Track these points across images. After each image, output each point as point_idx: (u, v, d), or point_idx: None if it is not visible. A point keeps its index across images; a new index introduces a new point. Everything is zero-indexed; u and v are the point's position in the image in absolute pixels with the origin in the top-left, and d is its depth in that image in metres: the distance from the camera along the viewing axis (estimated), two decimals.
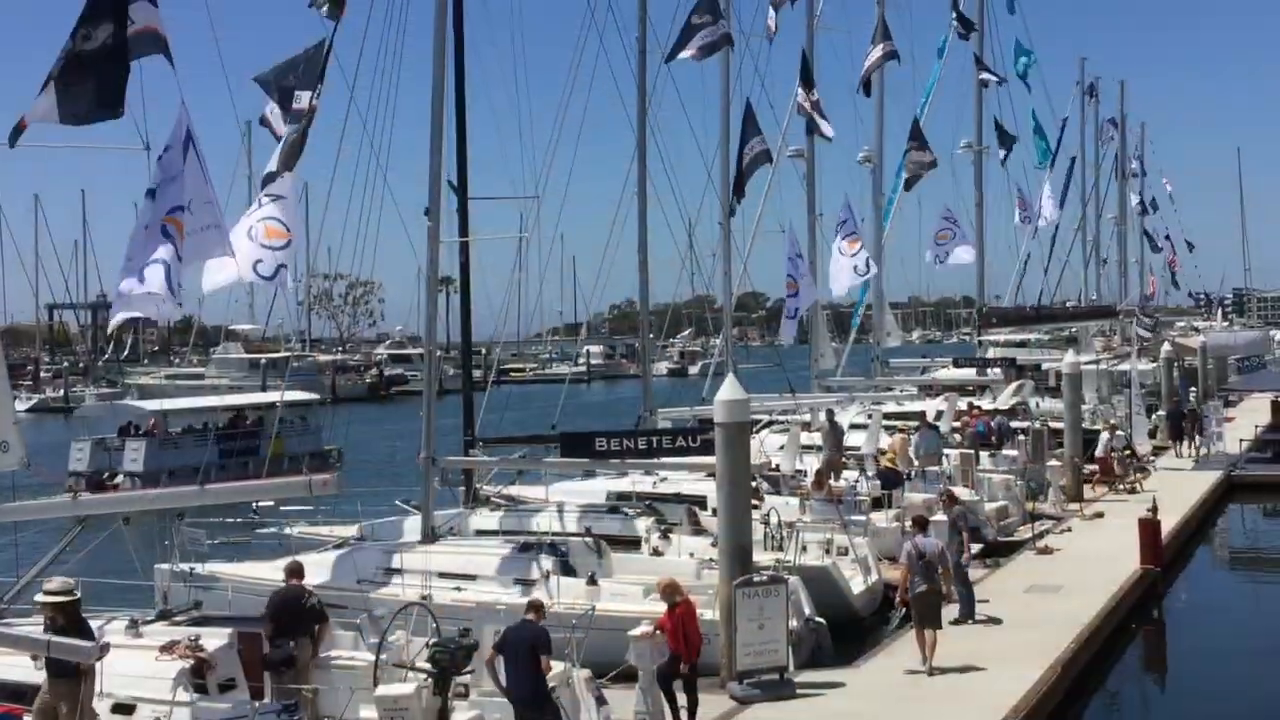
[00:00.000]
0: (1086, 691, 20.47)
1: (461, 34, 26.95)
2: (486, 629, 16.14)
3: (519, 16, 62.91)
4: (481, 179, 28.87)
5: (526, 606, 15.81)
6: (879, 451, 33.00)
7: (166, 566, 22.32)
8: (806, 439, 33.68)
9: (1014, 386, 45.81)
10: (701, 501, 26.25)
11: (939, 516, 23.83)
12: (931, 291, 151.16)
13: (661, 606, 17.34)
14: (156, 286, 15.13)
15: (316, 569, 22.03)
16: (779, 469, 30.59)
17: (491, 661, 15.11)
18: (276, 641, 15.74)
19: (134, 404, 58.08)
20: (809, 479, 29.28)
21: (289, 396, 58.24)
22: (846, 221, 38.68)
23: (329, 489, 17.01)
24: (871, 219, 46.34)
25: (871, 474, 30.53)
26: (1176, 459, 44.94)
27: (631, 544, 24.40)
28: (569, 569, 22.12)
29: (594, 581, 21.38)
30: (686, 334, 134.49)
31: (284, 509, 25.04)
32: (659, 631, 16.83)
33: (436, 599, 19.69)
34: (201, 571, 22.75)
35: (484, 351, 55.28)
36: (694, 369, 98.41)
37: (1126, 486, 37.22)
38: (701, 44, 31.11)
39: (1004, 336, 59.57)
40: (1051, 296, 71.72)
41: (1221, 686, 21.37)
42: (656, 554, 23.93)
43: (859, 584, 23.96)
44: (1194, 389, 60.97)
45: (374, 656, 15.44)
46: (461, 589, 21.46)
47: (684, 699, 16.90)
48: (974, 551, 25.52)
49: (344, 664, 16.13)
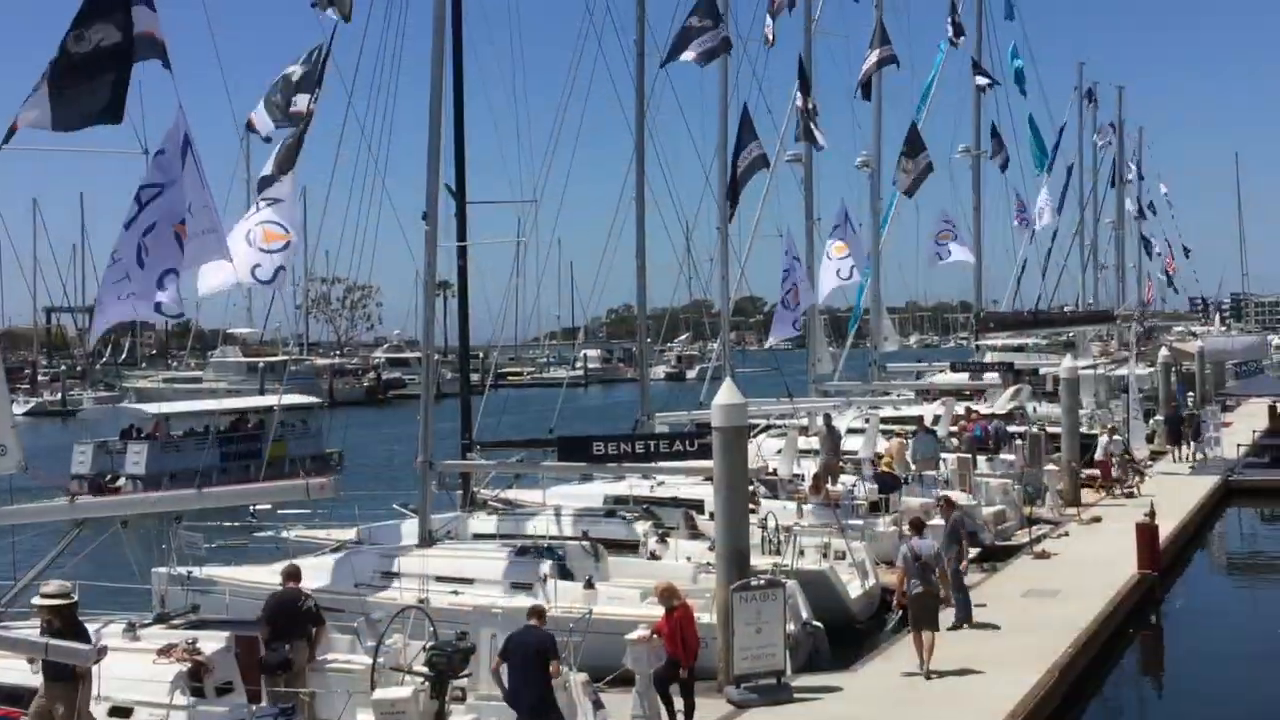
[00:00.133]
0: (1084, 696, 20.46)
1: (460, 38, 26.97)
2: (483, 632, 16.17)
3: (517, 20, 62.88)
4: (479, 183, 28.81)
5: (528, 612, 15.79)
6: (876, 456, 33.01)
7: (164, 570, 22.36)
8: (804, 443, 33.65)
9: (1011, 391, 45.84)
10: (699, 505, 26.24)
11: (936, 521, 23.84)
12: (929, 296, 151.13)
13: (659, 610, 17.34)
14: (168, 298, 14.92)
15: (314, 572, 22.00)
16: (776, 473, 30.57)
17: (497, 669, 15.10)
18: (273, 645, 15.75)
19: (136, 407, 58.17)
20: (806, 483, 29.28)
21: (291, 400, 58.52)
22: (839, 226, 38.53)
23: (326, 492, 17.01)
24: (869, 224, 46.33)
25: (869, 478, 30.55)
26: (1174, 463, 44.93)
27: (629, 548, 24.38)
28: (566, 573, 22.11)
29: (591, 585, 21.37)
30: (684, 338, 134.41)
31: (281, 512, 25.03)
32: (656, 635, 16.84)
33: (434, 603, 19.68)
34: (199, 575, 22.74)
35: (481, 355, 55.25)
36: (691, 373, 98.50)
37: (1124, 491, 37.25)
38: (702, 49, 31.03)
39: (1001, 341, 59.58)
40: (1049, 301, 71.81)
41: (1219, 691, 21.35)
42: (654, 558, 23.93)
43: (856, 588, 23.97)
44: (1191, 394, 61.04)
45: (371, 660, 15.46)
46: (459, 593, 21.45)
47: (681, 703, 16.92)
48: (971, 556, 25.53)
49: (341, 667, 16.14)
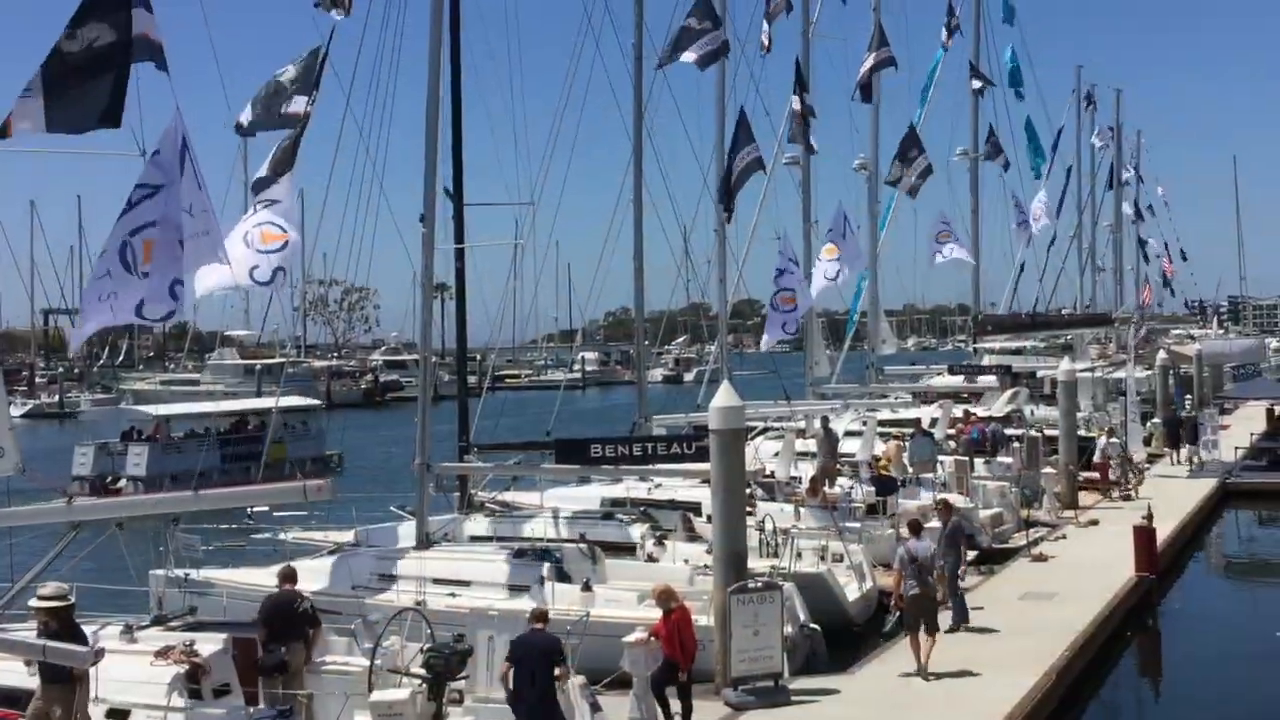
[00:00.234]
0: (1081, 699, 20.46)
1: (457, 40, 27.00)
2: (481, 635, 16.17)
3: (515, 23, 62.89)
4: (477, 186, 28.80)
5: (532, 615, 15.79)
6: (874, 458, 33.00)
7: (161, 572, 22.36)
8: (801, 446, 33.65)
9: (1009, 394, 45.82)
10: (696, 508, 26.25)
11: (933, 524, 23.84)
12: (927, 299, 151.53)
13: (657, 613, 17.34)
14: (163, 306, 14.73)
15: (311, 575, 22.02)
16: (774, 475, 30.57)
17: (506, 673, 15.08)
18: (269, 647, 15.74)
19: (137, 409, 58.31)
20: (804, 486, 29.28)
21: (292, 402, 58.81)
22: (833, 229, 38.35)
23: (324, 494, 16.93)
24: (867, 226, 46.30)
25: (866, 480, 30.54)
26: (1172, 466, 44.92)
27: (626, 550, 24.38)
28: (564, 575, 22.11)
29: (588, 588, 21.36)
30: (682, 341, 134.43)
31: (279, 514, 25.02)
32: (654, 638, 16.84)
33: (431, 605, 19.65)
34: (196, 577, 22.74)
35: (479, 358, 55.27)
36: (689, 376, 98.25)
37: (1122, 494, 37.25)
38: (702, 52, 30.93)
39: (999, 344, 59.58)
40: (1047, 304, 71.83)
41: (1217, 693, 21.37)
42: (651, 560, 23.92)
43: (854, 590, 23.98)
44: (1189, 396, 61.05)
45: (369, 662, 15.46)
46: (456, 595, 21.45)
47: (678, 705, 16.92)
48: (969, 558, 25.53)
49: (338, 669, 16.14)
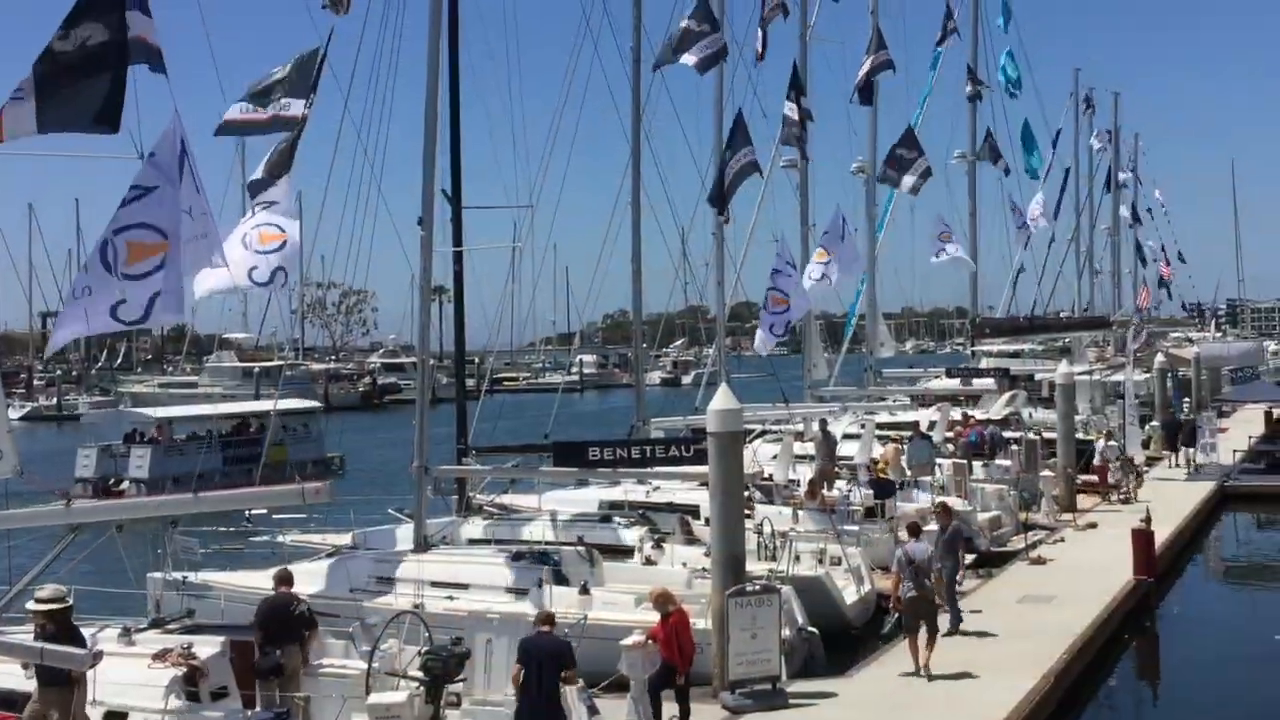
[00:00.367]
0: (1080, 702, 20.44)
1: (456, 43, 26.99)
2: (478, 638, 16.17)
3: (513, 26, 62.92)
4: (475, 188, 28.80)
5: (539, 618, 15.78)
6: (872, 461, 32.99)
7: (159, 575, 22.34)
8: (799, 449, 33.66)
9: (1007, 397, 45.83)
10: (694, 511, 26.24)
11: (930, 527, 23.83)
12: (925, 302, 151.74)
13: (654, 615, 17.33)
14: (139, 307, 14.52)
15: (309, 577, 22.04)
16: (772, 478, 30.56)
17: (518, 675, 15.07)
18: (265, 649, 15.74)
19: (139, 411, 58.50)
20: (802, 489, 29.27)
21: (293, 405, 58.99)
22: (828, 232, 38.17)
23: (321, 497, 16.96)
24: (865, 229, 46.32)
25: (864, 483, 30.53)
26: (1170, 469, 44.92)
27: (624, 553, 24.38)
28: (561, 578, 22.11)
29: (586, 591, 21.36)
30: (680, 344, 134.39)
31: (277, 517, 25.01)
32: (651, 641, 16.83)
33: (429, 608, 19.67)
34: (194, 580, 22.73)
35: (477, 361, 55.30)
36: (687, 378, 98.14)
37: (1120, 497, 37.24)
38: (701, 55, 30.88)
39: (997, 347, 59.62)
40: (1045, 307, 71.94)
41: (1215, 696, 21.35)
42: (649, 563, 23.93)
43: (852, 594, 23.97)
44: (1187, 399, 61.06)
45: (366, 664, 15.46)
46: (454, 598, 21.44)
47: (676, 709, 16.91)
48: (967, 562, 25.53)
49: (336, 672, 16.13)
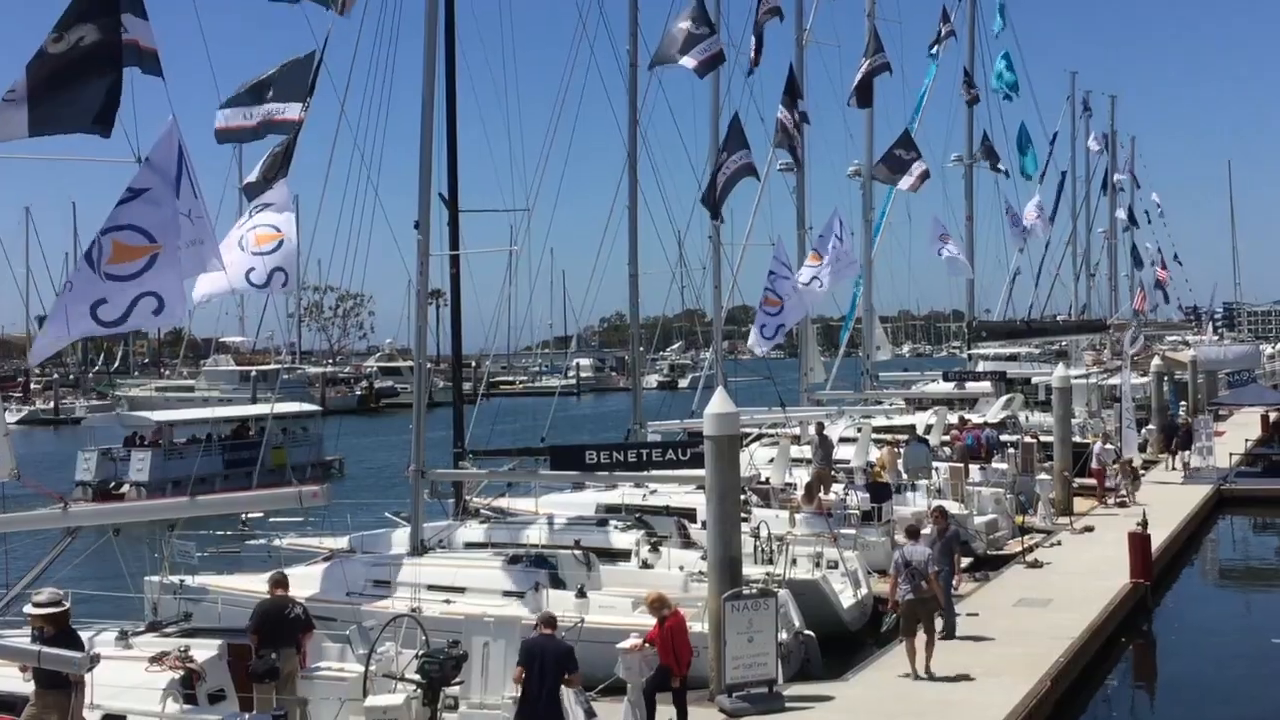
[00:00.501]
0: (1076, 705, 20.46)
1: (453, 47, 26.98)
2: (476, 641, 16.17)
3: (510, 30, 63.00)
4: (472, 192, 28.84)
5: (541, 620, 15.79)
6: (868, 465, 33.02)
7: (157, 578, 22.32)
8: (796, 452, 33.68)
9: (1004, 400, 45.89)
10: (691, 514, 26.26)
11: (925, 530, 23.84)
12: (921, 305, 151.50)
13: (651, 619, 17.33)
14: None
15: (306, 581, 22.04)
16: (768, 482, 30.58)
17: (520, 677, 15.08)
18: (260, 652, 15.76)
19: (140, 415, 58.65)
20: (798, 492, 29.30)
21: (293, 408, 59.13)
22: (823, 236, 38.03)
23: (319, 500, 16.97)
24: (861, 233, 46.34)
25: (861, 486, 30.53)
26: (1168, 472, 44.96)
27: (621, 556, 24.39)
28: (558, 581, 22.14)
29: (583, 594, 21.37)
30: (676, 347, 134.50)
31: (274, 520, 25.03)
32: (648, 644, 16.83)
33: (425, 611, 19.68)
34: (191, 583, 22.72)
35: (474, 364, 55.33)
36: (684, 382, 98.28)
37: (1117, 500, 37.26)
38: (701, 58, 30.84)
39: (994, 350, 59.66)
40: (1041, 310, 72.02)
41: (1212, 700, 21.34)
42: (646, 566, 23.93)
43: (848, 597, 23.99)
44: (1183, 403, 61.11)
45: (364, 667, 15.47)
46: (450, 601, 21.46)
47: (673, 712, 16.91)
48: (964, 565, 25.54)
49: (333, 675, 16.14)
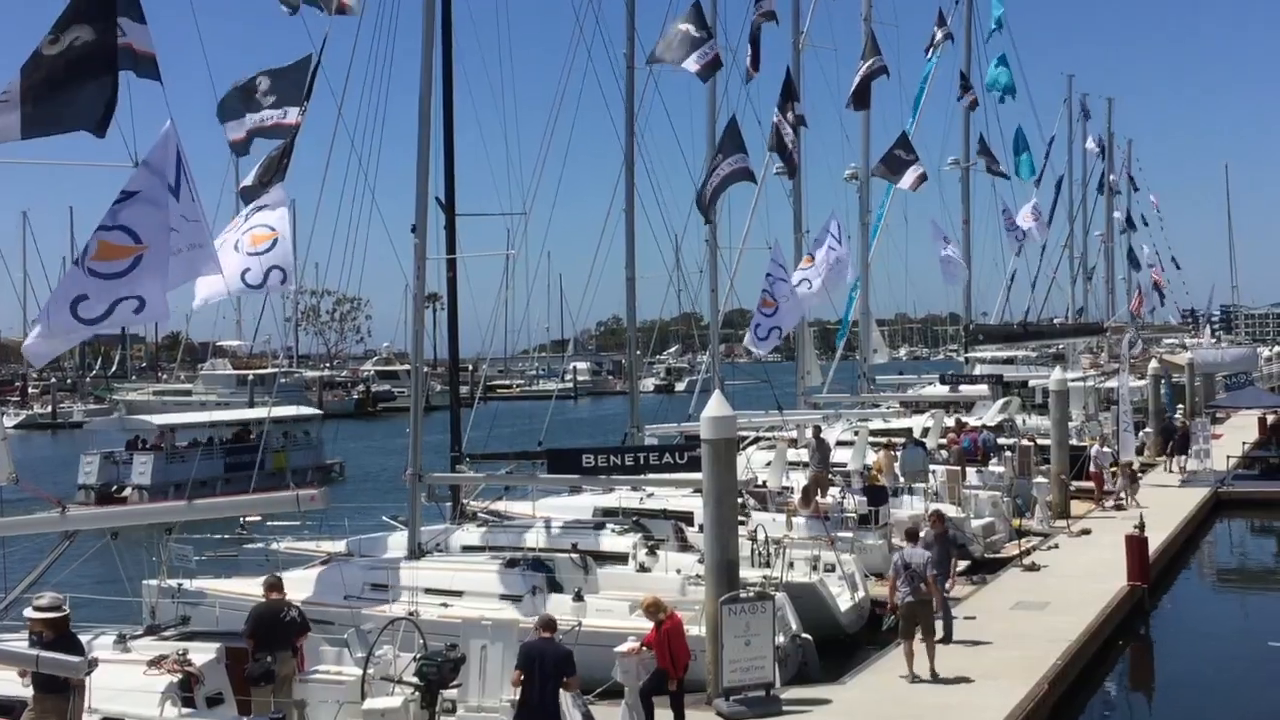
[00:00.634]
0: (1074, 708, 20.48)
1: (450, 51, 27.00)
2: (473, 644, 16.17)
3: (507, 34, 63.06)
4: (469, 196, 28.90)
5: (540, 624, 15.78)
6: (865, 468, 33.00)
7: (155, 582, 22.33)
8: (793, 455, 33.67)
9: (1001, 403, 45.89)
10: (688, 518, 26.25)
11: (922, 533, 23.83)
12: (918, 308, 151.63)
13: (649, 623, 17.33)
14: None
15: (303, 585, 22.04)
16: (766, 485, 30.57)
17: (518, 680, 15.09)
18: (256, 656, 15.76)
19: (143, 418, 58.74)
20: (796, 495, 29.28)
21: (294, 412, 59.15)
22: (818, 240, 37.95)
23: (317, 504, 16.95)
24: (858, 236, 46.34)
25: (858, 490, 30.48)
26: (1166, 474, 44.97)
27: (618, 560, 24.38)
28: (555, 585, 22.15)
29: (580, 598, 21.39)
30: (673, 351, 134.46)
31: (272, 524, 25.02)
32: (645, 648, 16.84)
33: (423, 615, 19.66)
34: (189, 587, 22.73)
35: (471, 368, 55.39)
36: (681, 386, 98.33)
37: (1115, 503, 37.26)
38: (704, 62, 30.90)
39: (991, 353, 59.64)
40: (1039, 313, 72.02)
41: (1209, 702, 21.37)
42: (643, 570, 23.91)
43: (846, 600, 23.98)
44: (1180, 405, 61.13)
45: (361, 670, 15.48)
46: (448, 605, 21.46)
47: (670, 715, 16.91)
48: (961, 568, 25.53)
49: (331, 678, 16.15)
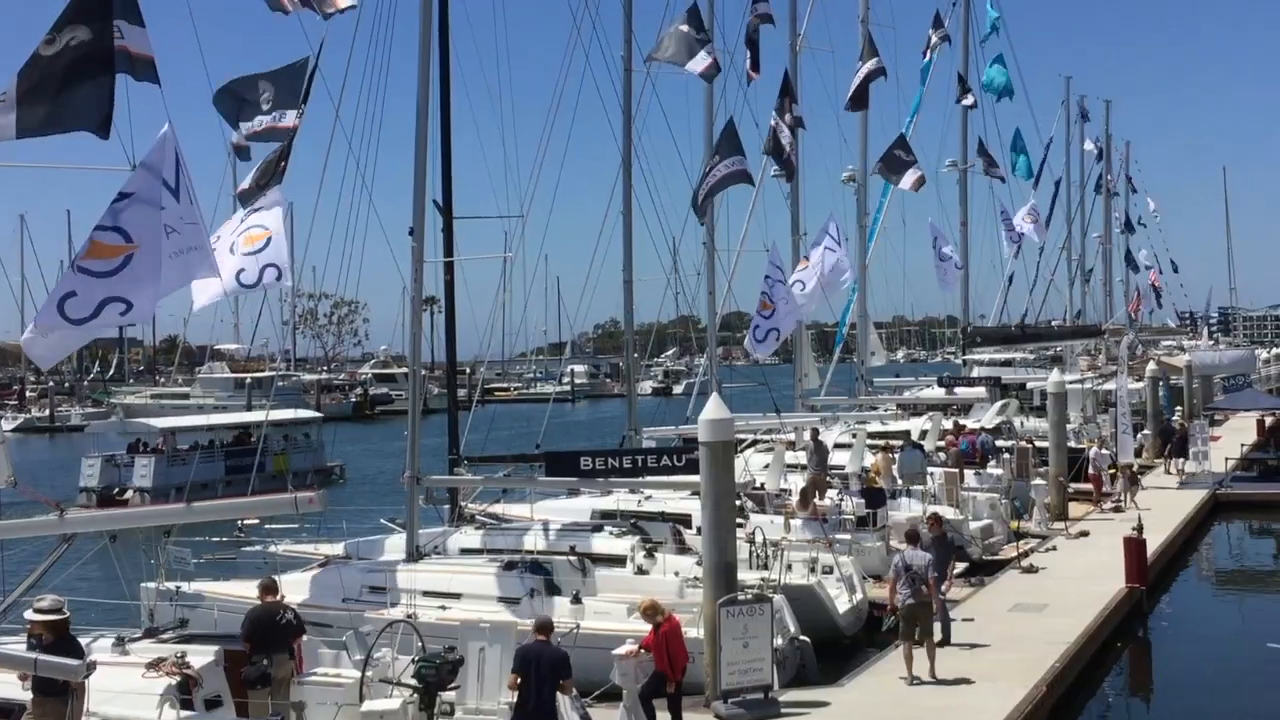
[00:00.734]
0: (1072, 710, 20.50)
1: (447, 53, 27.00)
2: (471, 646, 16.17)
3: (504, 37, 63.18)
4: (466, 198, 28.92)
5: (535, 626, 15.78)
6: (863, 470, 32.99)
7: (153, 585, 22.30)
8: (791, 458, 33.65)
9: (998, 405, 45.89)
10: (686, 520, 26.24)
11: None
12: (916, 310, 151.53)
13: (647, 625, 17.33)
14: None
15: (302, 587, 22.04)
16: (764, 488, 30.56)
17: (515, 684, 15.09)
18: (253, 659, 15.76)
19: (144, 421, 58.90)
20: (794, 498, 29.29)
21: (294, 415, 59.28)
22: (815, 243, 37.85)
23: (315, 506, 16.94)
24: (856, 238, 46.35)
25: (856, 492, 30.46)
26: (1165, 476, 44.99)
27: (616, 562, 24.37)
28: (553, 587, 22.14)
29: (578, 600, 21.40)
30: (671, 353, 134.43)
31: (270, 526, 25.01)
32: (643, 650, 16.84)
33: (421, 617, 19.65)
34: (188, 590, 22.72)
35: (468, 371, 55.34)
36: (678, 388, 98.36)
37: (1112, 505, 37.28)
38: (705, 64, 30.85)
39: (989, 355, 59.63)
40: (1036, 315, 72.03)
41: (1207, 704, 21.39)
42: (641, 572, 23.90)
43: (844, 603, 23.99)
44: (1179, 407, 61.15)
45: (360, 673, 15.47)
46: (446, 607, 21.45)
47: (667, 717, 16.92)
48: (958, 571, 25.53)
49: (330, 680, 16.15)
